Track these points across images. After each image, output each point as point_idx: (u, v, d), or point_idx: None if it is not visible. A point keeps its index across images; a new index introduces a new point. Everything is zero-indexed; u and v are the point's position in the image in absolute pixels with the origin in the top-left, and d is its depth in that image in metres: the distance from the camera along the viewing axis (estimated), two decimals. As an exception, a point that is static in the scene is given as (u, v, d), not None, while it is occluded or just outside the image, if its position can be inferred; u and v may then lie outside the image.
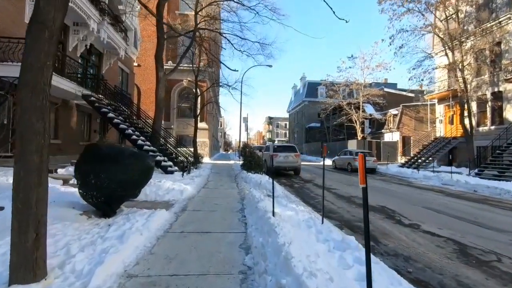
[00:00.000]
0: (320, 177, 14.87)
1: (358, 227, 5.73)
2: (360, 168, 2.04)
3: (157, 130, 13.13)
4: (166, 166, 11.64)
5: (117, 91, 15.09)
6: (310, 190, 10.62)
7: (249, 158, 12.31)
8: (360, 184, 2.05)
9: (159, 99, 13.17)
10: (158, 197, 7.30)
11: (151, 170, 5.33)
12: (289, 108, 62.43)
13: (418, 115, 30.82)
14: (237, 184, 10.74)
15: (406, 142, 30.79)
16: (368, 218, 2.04)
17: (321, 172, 18.17)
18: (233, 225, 5.10)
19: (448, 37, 16.97)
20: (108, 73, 16.45)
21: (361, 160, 2.01)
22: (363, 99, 31.34)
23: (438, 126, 23.78)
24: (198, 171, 14.24)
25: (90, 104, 11.69)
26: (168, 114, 27.18)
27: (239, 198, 7.84)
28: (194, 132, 20.41)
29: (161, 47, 13.30)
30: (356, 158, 18.76)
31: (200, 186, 9.84)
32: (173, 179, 10.19)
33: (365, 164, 2.04)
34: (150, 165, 5.21)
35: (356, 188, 11.16)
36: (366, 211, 2.01)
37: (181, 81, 27.05)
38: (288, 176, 15.22)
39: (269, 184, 9.49)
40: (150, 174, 5.35)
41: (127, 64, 19.79)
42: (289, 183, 12.41)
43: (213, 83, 21.87)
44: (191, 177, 11.20)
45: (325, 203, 8.38)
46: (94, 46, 14.61)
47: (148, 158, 5.28)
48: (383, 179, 14.83)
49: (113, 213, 5.09)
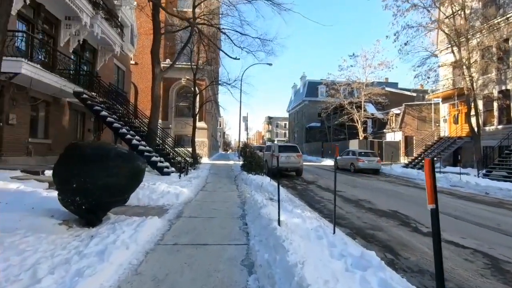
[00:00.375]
0: (323, 178, 14.32)
1: (372, 236, 5.17)
2: (428, 183, 1.46)
3: (153, 129, 12.55)
4: (162, 167, 11.07)
5: (112, 89, 14.50)
6: (314, 192, 10.06)
7: (249, 159, 11.76)
8: (429, 204, 1.45)
9: (155, 97, 12.59)
10: (152, 201, 6.72)
11: (142, 173, 4.76)
12: (289, 107, 61.88)
13: (420, 115, 30.31)
14: (237, 186, 10.18)
15: (409, 142, 30.29)
16: (441, 256, 1.45)
17: (323, 173, 17.59)
18: (234, 234, 4.54)
19: (455, 33, 16.42)
20: (103, 70, 15.85)
21: (428, 168, 1.43)
22: (364, 98, 30.79)
23: (443, 126, 23.25)
24: (196, 172, 13.67)
25: (82, 102, 11.10)
26: (166, 114, 26.63)
27: (239, 202, 7.27)
28: (193, 132, 19.84)
29: (158, 42, 12.72)
30: (359, 159, 18.23)
31: (198, 188, 9.27)
32: (169, 181, 9.62)
33: (434, 174, 1.44)
34: (140, 168, 4.64)
35: (362, 190, 10.61)
36: (438, 244, 1.40)
37: (180, 79, 26.50)
38: (289, 177, 14.66)
39: (271, 187, 8.94)
40: (140, 177, 4.78)
41: (123, 61, 19.19)
42: (291, 185, 11.85)
43: (212, 81, 21.30)
44: (189, 179, 10.64)
45: (331, 206, 7.86)
46: (88, 42, 14.02)
47: (138, 159, 4.71)
48: (389, 180, 14.28)
49: (98, 222, 4.52)
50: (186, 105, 26.80)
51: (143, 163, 4.80)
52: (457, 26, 16.37)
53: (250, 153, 12.02)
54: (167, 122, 26.54)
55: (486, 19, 17.55)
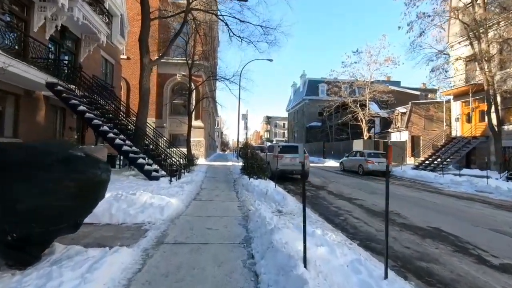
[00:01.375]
0: (332, 183, 12.85)
1: (428, 272, 3.70)
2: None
3: (141, 127, 11.03)
4: (149, 170, 9.55)
5: (96, 82, 12.95)
6: (327, 200, 8.58)
7: (250, 161, 10.28)
8: None
9: (143, 91, 11.08)
10: (129, 217, 5.22)
11: (101, 186, 3.26)
12: (288, 107, 60.46)
13: (428, 114, 28.98)
14: (237, 193, 8.68)
15: (415, 142, 28.94)
16: None
17: (330, 176, 16.15)
18: (236, 280, 3.05)
19: (474, 23, 15.02)
20: (88, 62, 14.31)
21: None
22: (369, 96, 29.38)
23: (454, 125, 21.87)
24: (190, 175, 12.16)
25: (56, 95, 9.56)
26: (160, 112, 25.10)
27: (241, 217, 5.78)
28: (188, 131, 18.33)
29: (147, 29, 11.22)
30: (368, 160, 16.81)
31: (191, 197, 7.76)
32: (157, 188, 8.12)
33: None
34: (97, 178, 3.14)
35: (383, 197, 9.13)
36: None
37: (175, 75, 24.96)
38: (294, 181, 13.19)
39: (278, 195, 7.46)
40: (99, 192, 3.28)
41: (112, 54, 17.63)
42: (298, 190, 10.37)
43: (209, 76, 19.78)
44: (181, 184, 9.13)
45: (355, 221, 6.38)
46: (69, 30, 12.47)
47: (96, 166, 3.20)
48: (405, 185, 12.84)
49: (34, 259, 3.02)
50: (182, 103, 25.24)
51: (105, 170, 3.30)
52: (478, 14, 14.96)
53: (252, 154, 10.54)
54: (161, 120, 25.01)
55: (504, 10, 16.19)
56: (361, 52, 29.69)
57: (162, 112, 25.12)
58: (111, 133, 9.60)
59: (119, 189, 7.59)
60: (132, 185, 8.34)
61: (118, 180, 8.95)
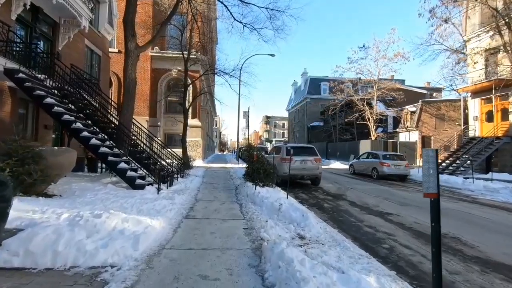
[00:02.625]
0: (348, 189, 11.14)
1: None
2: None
3: (125, 124, 9.26)
4: (133, 177, 7.79)
5: (76, 73, 11.17)
6: (354, 216, 6.86)
7: (256, 165, 8.54)
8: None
9: (128, 81, 9.33)
10: (83, 256, 3.46)
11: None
12: (289, 106, 58.76)
13: (439, 112, 27.36)
14: (240, 206, 6.94)
15: (426, 142, 27.32)
16: None
17: (342, 180, 14.40)
18: None
19: (505, 9, 13.38)
20: (69, 51, 12.55)
21: None
22: (377, 93, 27.73)
23: (472, 124, 20.22)
24: (185, 181, 10.42)
25: (17, 84, 7.78)
26: (154, 110, 23.33)
27: (251, 251, 4.03)
28: (183, 130, 16.56)
29: (132, 8, 9.46)
30: (384, 162, 15.12)
31: (181, 213, 6.02)
32: (140, 200, 6.38)
33: None
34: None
35: (419, 211, 7.44)
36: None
37: (170, 70, 23.21)
38: (305, 187, 11.48)
39: (295, 211, 5.74)
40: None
41: (99, 44, 15.85)
42: (313, 201, 8.66)
43: (207, 70, 18.00)
44: (171, 195, 7.39)
45: (407, 253, 4.42)
46: (44, 11, 10.71)
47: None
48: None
49: None
50: (178, 100, 23.49)
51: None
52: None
53: (258, 157, 8.80)
54: (155, 119, 23.23)
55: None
56: (368, 47, 28.09)
57: (156, 110, 23.34)
58: (85, 132, 7.82)
59: (88, 204, 5.85)
60: (109, 197, 6.58)
61: (92, 189, 7.19)
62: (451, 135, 27.37)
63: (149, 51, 22.91)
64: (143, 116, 22.67)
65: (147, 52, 23.03)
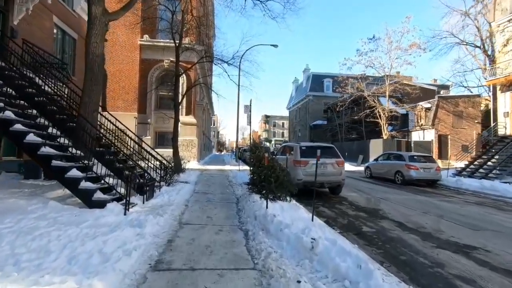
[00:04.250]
0: (380, 201, 8.77)
1: None
2: None
3: (88, 116, 6.81)
4: (89, 190, 5.35)
5: (30, 53, 8.69)
6: (420, 253, 4.48)
7: (266, 171, 6.15)
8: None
9: (92, 57, 6.88)
10: None
11: None
12: (289, 104, 56.37)
13: (456, 109, 25.09)
14: (247, 238, 4.53)
15: (443, 142, 25.06)
16: None
17: (361, 186, 11.14)
18: None
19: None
20: (31, 29, 10.13)
21: None
22: (389, 88, 25.41)
23: (502, 121, 17.93)
24: (170, 191, 8.01)
25: None
26: (144, 105, 20.87)
27: None
28: (174, 126, 14.13)
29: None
30: (411, 165, 12.79)
31: (148, 260, 3.58)
32: (86, 234, 4.03)
33: None
34: None
35: (508, 239, 5.07)
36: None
37: (161, 61, 20.78)
38: (322, 196, 9.11)
39: (342, 256, 3.34)
40: None
41: (74, 25, 13.39)
42: (343, 219, 6.27)
43: (202, 56, 15.51)
44: (144, 217, 4.95)
45: None
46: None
47: None
48: (482, 203, 8.80)
49: None
50: (170, 95, 20.96)
51: None
52: None
53: (268, 161, 6.39)
54: (144, 115, 20.77)
55: None
56: (379, 38, 25.74)
57: (146, 106, 20.87)
58: (18, 124, 5.39)
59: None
60: (37, 226, 4.16)
61: (21, 210, 4.74)
62: (469, 134, 25.19)
63: (137, 40, 20.48)
64: (131, 113, 20.23)
65: (135, 41, 20.61)
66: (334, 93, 43.73)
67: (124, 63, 20.40)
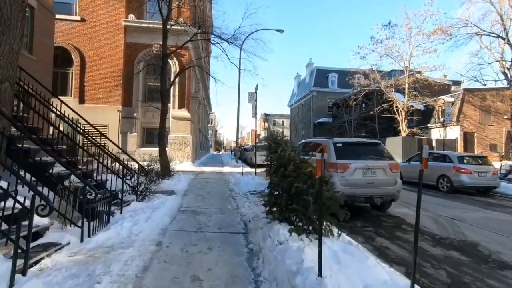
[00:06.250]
0: (452, 222, 5.95)
1: None
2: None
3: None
4: None
5: None
6: None
7: (297, 183, 3.36)
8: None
9: None
10: None
11: None
12: (291, 101, 53.56)
13: (484, 104, 22.39)
14: None
15: (469, 140, 22.35)
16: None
17: (403, 195, 8.32)
18: None
19: None
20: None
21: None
22: (408, 80, 22.65)
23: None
24: (142, 210, 5.16)
25: None
26: (129, 97, 17.95)
27: None
28: (161, 120, 11.26)
29: None
30: (461, 168, 10.03)
31: None
32: None
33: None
34: None
35: None
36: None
37: (150, 46, 17.76)
38: (362, 213, 6.29)
39: None
40: None
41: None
42: (435, 272, 3.44)
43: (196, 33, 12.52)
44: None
45: None
46: None
47: None
48: None
49: None
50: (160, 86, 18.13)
51: None
52: None
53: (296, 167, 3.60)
54: (130, 109, 17.84)
55: None
56: (395, 25, 22.92)
57: (132, 98, 17.96)
58: None
59: None
60: None
61: None
62: (498, 132, 22.53)
63: (121, 20, 17.55)
64: (114, 105, 17.31)
65: (119, 21, 17.71)
66: (340, 89, 41.02)
67: (106, 47, 17.44)
